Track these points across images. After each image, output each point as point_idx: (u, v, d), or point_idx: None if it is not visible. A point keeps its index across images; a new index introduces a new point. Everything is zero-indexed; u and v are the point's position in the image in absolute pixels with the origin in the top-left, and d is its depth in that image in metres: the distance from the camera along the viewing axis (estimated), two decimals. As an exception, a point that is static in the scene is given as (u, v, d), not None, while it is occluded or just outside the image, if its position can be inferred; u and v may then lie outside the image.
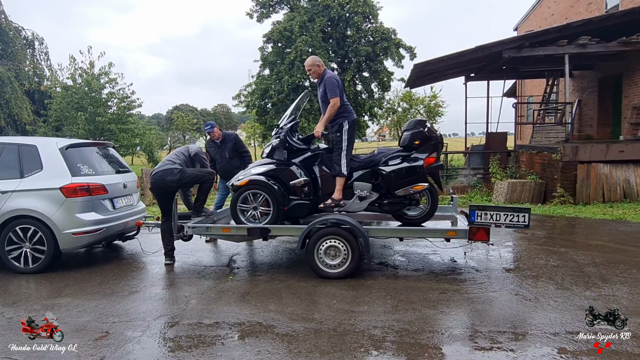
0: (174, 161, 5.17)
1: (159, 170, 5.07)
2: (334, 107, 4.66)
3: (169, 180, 5.01)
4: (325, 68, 4.90)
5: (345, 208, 4.84)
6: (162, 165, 5.15)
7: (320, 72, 4.82)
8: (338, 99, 4.67)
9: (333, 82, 4.69)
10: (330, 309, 3.70)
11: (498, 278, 4.49)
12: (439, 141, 4.81)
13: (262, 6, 20.89)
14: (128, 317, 3.63)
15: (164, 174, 5.02)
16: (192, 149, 5.51)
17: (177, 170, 5.06)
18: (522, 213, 4.25)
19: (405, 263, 5.11)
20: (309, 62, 4.86)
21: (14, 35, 19.33)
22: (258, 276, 4.70)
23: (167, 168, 5.06)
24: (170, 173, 5.03)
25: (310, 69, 4.85)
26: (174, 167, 5.07)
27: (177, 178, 5.03)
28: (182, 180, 5.09)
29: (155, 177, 5.06)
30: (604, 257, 5.19)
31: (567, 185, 9.36)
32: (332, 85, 4.67)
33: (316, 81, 4.96)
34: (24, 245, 4.88)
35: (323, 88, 4.76)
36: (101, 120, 16.01)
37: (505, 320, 3.44)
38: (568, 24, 10.08)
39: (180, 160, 5.22)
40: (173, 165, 5.10)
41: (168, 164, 5.12)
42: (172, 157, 5.29)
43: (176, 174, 5.03)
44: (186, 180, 5.18)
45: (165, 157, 5.38)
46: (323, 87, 4.76)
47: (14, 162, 4.94)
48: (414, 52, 20.26)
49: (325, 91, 4.70)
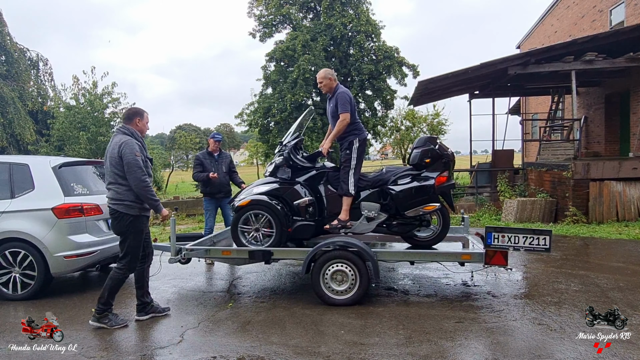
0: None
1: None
2: (343, 122, 4.45)
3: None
4: (338, 83, 4.69)
5: (352, 229, 4.57)
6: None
7: (332, 86, 4.61)
8: (349, 114, 4.45)
9: (345, 97, 4.48)
10: (338, 341, 3.40)
11: (517, 305, 4.18)
12: (451, 159, 4.58)
13: (265, 26, 21.05)
14: (118, 351, 3.33)
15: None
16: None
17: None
18: (542, 235, 3.96)
19: (416, 288, 4.80)
20: (321, 74, 4.64)
21: (18, 56, 19.46)
22: (260, 303, 4.40)
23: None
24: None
25: (321, 82, 4.62)
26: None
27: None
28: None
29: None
30: (627, 281, 4.88)
31: (579, 203, 9.07)
32: (344, 100, 4.46)
33: (327, 95, 4.74)
34: (13, 270, 4.62)
35: (334, 103, 4.54)
36: (103, 140, 15.93)
37: (531, 353, 3.13)
38: (574, 40, 9.96)
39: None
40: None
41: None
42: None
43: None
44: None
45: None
46: (334, 102, 4.54)
47: (5, 182, 4.72)
48: (417, 70, 20.27)
49: (337, 106, 4.48)
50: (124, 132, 3.90)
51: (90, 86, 16.60)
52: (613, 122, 12.52)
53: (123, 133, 3.89)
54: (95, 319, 3.77)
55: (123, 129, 3.93)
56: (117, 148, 3.77)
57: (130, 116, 4.01)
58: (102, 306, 3.78)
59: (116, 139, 3.84)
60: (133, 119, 3.99)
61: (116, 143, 3.80)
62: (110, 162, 3.81)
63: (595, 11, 12.78)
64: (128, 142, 3.78)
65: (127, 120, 4.00)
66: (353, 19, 19.46)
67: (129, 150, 3.73)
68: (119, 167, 3.77)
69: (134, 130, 3.94)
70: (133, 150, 3.75)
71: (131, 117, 4.00)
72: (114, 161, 3.79)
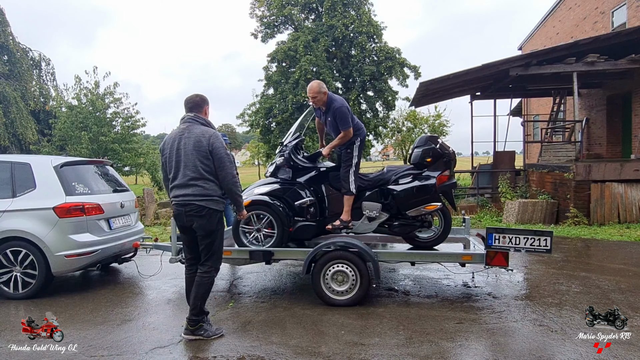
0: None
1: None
2: (344, 137, 4.43)
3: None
4: (329, 93, 4.48)
5: (354, 230, 4.57)
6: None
7: (325, 100, 4.44)
8: (351, 129, 4.43)
9: (344, 112, 4.37)
10: (338, 341, 3.39)
11: (518, 306, 4.17)
12: (452, 158, 4.57)
13: (267, 26, 21.07)
14: (119, 349, 3.33)
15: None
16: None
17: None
18: (543, 237, 3.95)
19: (417, 289, 4.80)
20: (314, 88, 4.37)
21: (21, 56, 19.52)
22: (260, 303, 4.40)
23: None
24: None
25: (315, 97, 4.38)
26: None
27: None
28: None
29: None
30: (628, 283, 4.86)
31: (581, 205, 9.05)
32: (343, 115, 4.37)
33: (321, 109, 4.57)
34: (14, 269, 4.62)
35: (332, 118, 4.45)
36: (105, 140, 15.98)
37: (532, 355, 3.12)
38: (576, 42, 9.95)
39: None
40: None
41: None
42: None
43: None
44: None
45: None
46: (332, 117, 4.45)
47: (6, 181, 4.72)
48: (418, 72, 20.25)
49: (335, 120, 4.41)
50: (202, 123, 3.47)
51: (92, 86, 16.66)
52: (615, 124, 12.49)
53: (201, 124, 3.46)
54: (190, 332, 3.44)
55: (199, 119, 3.49)
56: (204, 140, 3.36)
57: (200, 103, 3.55)
58: (195, 317, 3.44)
59: (197, 131, 3.40)
60: (203, 107, 3.56)
61: (201, 135, 3.38)
62: (197, 155, 3.36)
63: (597, 13, 12.76)
64: (217, 135, 3.42)
65: (196, 109, 3.53)
66: (355, 20, 19.46)
67: (220, 144, 3.39)
68: (207, 161, 3.37)
69: (209, 121, 3.54)
70: (223, 143, 3.44)
71: (201, 104, 3.55)
72: (201, 155, 3.36)
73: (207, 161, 3.38)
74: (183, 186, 3.40)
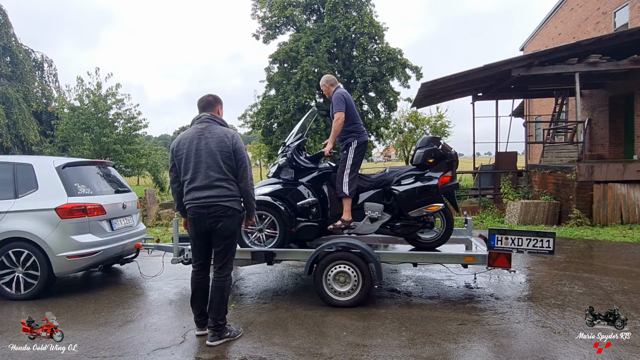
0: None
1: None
2: (338, 121, 4.49)
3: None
4: (338, 85, 4.78)
5: (356, 230, 4.56)
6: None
7: (330, 92, 4.71)
8: (342, 113, 4.48)
9: (339, 97, 4.54)
10: (340, 343, 3.38)
11: (520, 307, 4.16)
12: (454, 159, 4.56)
13: (269, 27, 21.06)
14: (120, 350, 3.33)
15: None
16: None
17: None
18: (546, 238, 3.94)
19: (419, 290, 4.79)
20: (321, 80, 4.84)
21: (23, 57, 19.57)
22: (262, 304, 4.39)
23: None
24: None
25: (322, 88, 4.84)
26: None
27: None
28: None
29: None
30: (632, 284, 4.84)
31: (583, 206, 9.02)
32: (337, 99, 4.53)
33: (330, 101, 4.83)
34: (16, 269, 4.63)
35: (331, 105, 4.64)
36: (107, 141, 16.00)
37: (534, 356, 3.11)
38: (578, 42, 9.92)
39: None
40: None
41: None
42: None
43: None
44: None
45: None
46: (331, 104, 4.63)
47: (8, 182, 4.73)
48: (420, 72, 20.23)
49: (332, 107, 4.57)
50: (220, 123, 3.40)
51: (95, 87, 16.69)
52: (617, 125, 12.46)
53: (219, 124, 3.39)
54: (217, 337, 3.36)
55: (216, 119, 3.42)
56: (227, 141, 3.29)
57: (213, 103, 3.47)
58: (222, 321, 3.39)
59: (218, 131, 3.33)
60: (216, 107, 3.48)
61: (224, 135, 3.31)
62: (220, 156, 3.27)
63: (599, 13, 12.74)
64: (238, 136, 3.35)
65: (209, 108, 3.45)
66: (356, 20, 19.45)
67: (242, 145, 3.32)
68: (230, 161, 3.30)
69: (225, 121, 3.48)
70: (243, 144, 3.36)
71: (214, 104, 3.47)
72: (224, 155, 3.28)
73: (230, 162, 3.31)
74: (206, 187, 3.28)
